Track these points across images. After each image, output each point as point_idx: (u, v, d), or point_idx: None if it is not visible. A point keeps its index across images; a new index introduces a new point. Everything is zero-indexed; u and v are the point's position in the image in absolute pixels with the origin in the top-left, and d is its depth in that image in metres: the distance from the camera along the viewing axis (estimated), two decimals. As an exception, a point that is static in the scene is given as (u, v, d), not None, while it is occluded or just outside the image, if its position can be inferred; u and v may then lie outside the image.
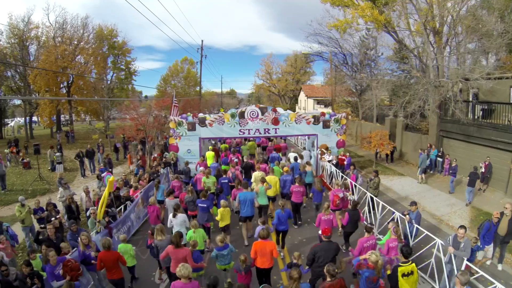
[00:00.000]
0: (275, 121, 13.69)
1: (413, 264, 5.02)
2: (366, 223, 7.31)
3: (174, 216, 7.20)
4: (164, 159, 13.40)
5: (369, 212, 9.41)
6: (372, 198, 9.29)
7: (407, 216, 7.46)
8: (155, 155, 16.28)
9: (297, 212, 9.18)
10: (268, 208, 8.95)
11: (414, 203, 7.64)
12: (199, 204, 7.83)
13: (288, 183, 9.36)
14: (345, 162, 13.47)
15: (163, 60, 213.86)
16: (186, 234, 6.72)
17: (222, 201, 7.77)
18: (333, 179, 12.16)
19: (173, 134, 13.72)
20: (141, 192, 10.03)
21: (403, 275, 4.85)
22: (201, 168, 11.08)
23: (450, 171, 13.63)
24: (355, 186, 10.61)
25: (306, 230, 9.26)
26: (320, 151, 13.83)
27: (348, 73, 24.55)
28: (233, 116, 13.45)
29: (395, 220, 7.85)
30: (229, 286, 6.07)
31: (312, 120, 13.95)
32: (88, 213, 8.26)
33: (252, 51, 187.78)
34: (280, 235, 7.57)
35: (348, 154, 13.81)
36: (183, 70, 42.11)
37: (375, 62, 26.23)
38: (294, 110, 47.79)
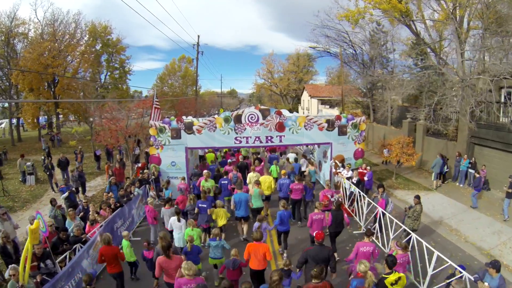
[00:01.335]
0: (280, 127, 10.95)
1: (397, 273, 4.58)
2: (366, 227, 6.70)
3: (178, 220, 7.01)
4: (141, 175, 10.62)
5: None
6: (413, 238, 6.53)
7: (486, 284, 4.71)
8: (139, 165, 13.59)
9: (297, 209, 9.20)
10: (262, 210, 8.79)
11: (495, 265, 4.85)
12: (199, 205, 7.69)
13: (286, 187, 9.18)
14: (366, 178, 10.73)
15: (164, 60, 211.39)
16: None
17: (218, 202, 7.75)
18: (356, 202, 9.41)
19: (153, 142, 10.98)
20: (101, 226, 7.31)
21: (392, 284, 4.49)
22: (205, 171, 10.44)
23: (475, 185, 11.24)
24: (384, 214, 7.87)
25: (304, 230, 8.80)
26: (334, 163, 11.09)
27: (357, 71, 21.69)
28: (227, 120, 10.70)
29: (464, 282, 5.11)
30: (220, 281, 5.92)
31: (326, 125, 11.12)
32: (7, 274, 5.53)
33: (253, 51, 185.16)
34: (282, 236, 7.48)
35: (369, 167, 11.05)
36: (180, 69, 39.34)
37: (387, 59, 23.42)
38: (297, 111, 45.15)
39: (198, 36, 27.82)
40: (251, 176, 9.84)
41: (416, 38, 19.28)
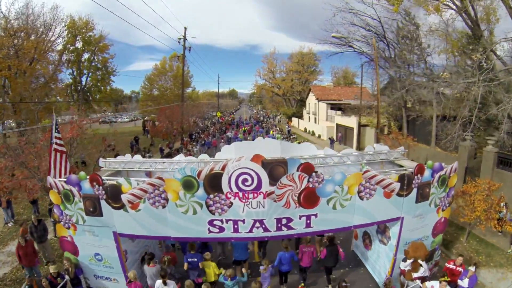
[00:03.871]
0: (310, 199, 5.07)
1: None
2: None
3: (164, 283, 5.48)
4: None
5: None
6: None
7: None
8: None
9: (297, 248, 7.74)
10: (267, 242, 7.43)
11: None
12: (189, 259, 6.20)
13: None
14: (464, 285, 5.27)
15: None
16: None
17: (206, 254, 6.13)
18: None
19: (59, 217, 5.50)
20: None
21: None
22: None
23: None
24: None
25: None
26: (409, 259, 5.53)
27: (388, 71, 16.03)
28: (188, 186, 4.85)
29: None
30: None
31: (397, 186, 5.25)
32: None
33: (253, 50, 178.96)
34: (283, 276, 6.69)
35: (475, 265, 5.55)
36: (172, 69, 33.67)
37: (420, 56, 17.79)
38: (301, 115, 39.32)
39: (185, 28, 22.16)
40: None
41: (472, 31, 13.67)
